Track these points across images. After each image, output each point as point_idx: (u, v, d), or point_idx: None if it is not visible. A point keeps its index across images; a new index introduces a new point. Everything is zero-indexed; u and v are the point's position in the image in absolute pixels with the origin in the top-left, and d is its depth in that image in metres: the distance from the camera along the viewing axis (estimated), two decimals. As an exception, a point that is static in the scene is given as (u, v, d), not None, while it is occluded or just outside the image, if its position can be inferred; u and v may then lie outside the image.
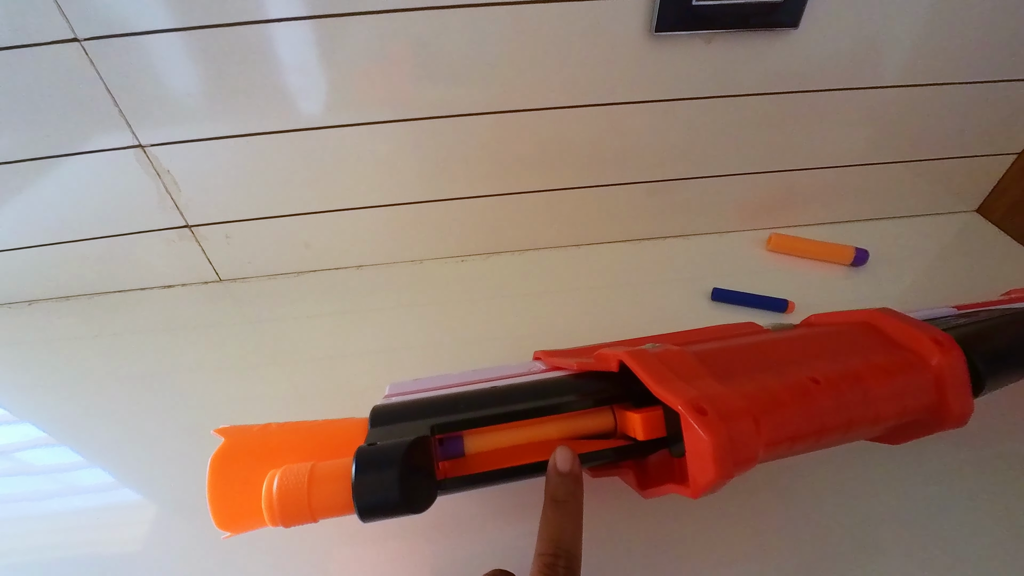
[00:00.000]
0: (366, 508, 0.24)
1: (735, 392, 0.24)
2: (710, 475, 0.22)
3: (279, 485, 0.24)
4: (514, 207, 0.52)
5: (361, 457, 0.25)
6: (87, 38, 0.37)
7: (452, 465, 0.28)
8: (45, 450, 0.41)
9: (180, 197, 0.46)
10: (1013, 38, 0.47)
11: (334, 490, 0.24)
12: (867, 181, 0.56)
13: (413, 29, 0.39)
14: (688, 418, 0.22)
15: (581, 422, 0.29)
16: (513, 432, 0.28)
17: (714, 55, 0.44)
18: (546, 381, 0.30)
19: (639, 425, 0.27)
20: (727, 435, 0.22)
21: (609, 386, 0.29)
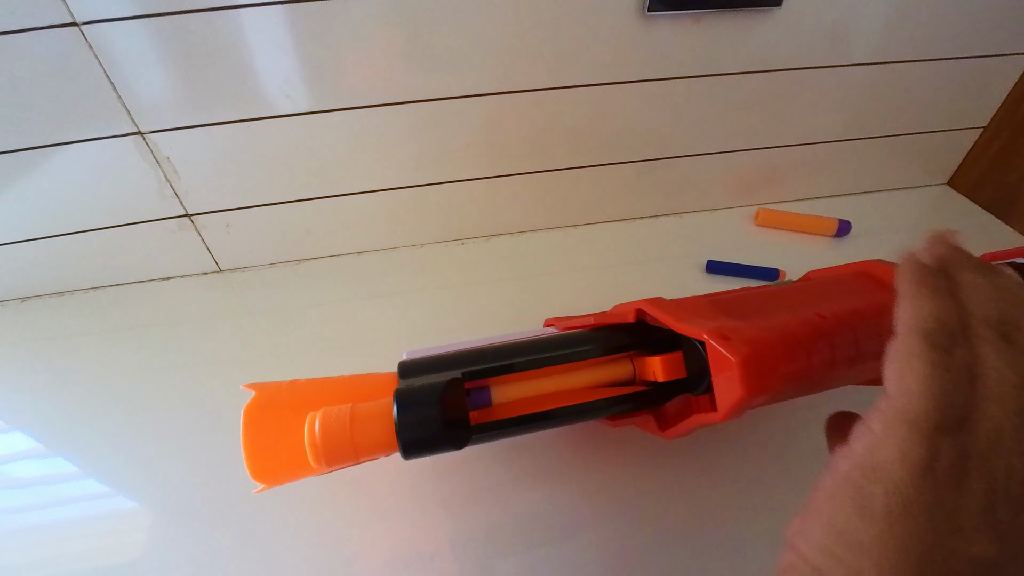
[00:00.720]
0: (410, 443, 0.24)
1: (751, 324, 0.25)
2: (738, 393, 0.23)
3: (322, 424, 0.25)
4: (512, 189, 0.53)
5: (402, 393, 0.25)
6: (86, 22, 0.37)
7: (480, 415, 0.29)
8: (37, 461, 0.39)
9: (180, 185, 0.46)
10: (975, 17, 0.50)
11: (376, 427, 0.25)
12: (845, 157, 0.59)
13: (407, 11, 0.40)
14: (713, 343, 0.23)
15: (602, 371, 0.30)
16: (537, 382, 0.29)
17: (702, 34, 0.46)
18: (567, 334, 0.31)
19: (659, 367, 0.28)
20: (752, 355, 0.23)
21: (627, 335, 0.30)
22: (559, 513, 0.34)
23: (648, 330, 0.30)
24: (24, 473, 0.38)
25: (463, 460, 0.36)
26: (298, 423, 0.26)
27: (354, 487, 0.36)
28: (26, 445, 0.40)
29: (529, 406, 0.28)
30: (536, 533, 0.34)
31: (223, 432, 0.38)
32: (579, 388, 0.29)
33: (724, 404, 0.24)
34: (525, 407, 0.28)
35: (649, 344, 0.30)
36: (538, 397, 0.29)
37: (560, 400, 0.29)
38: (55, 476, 0.38)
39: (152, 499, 0.36)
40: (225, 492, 0.35)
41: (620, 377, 0.30)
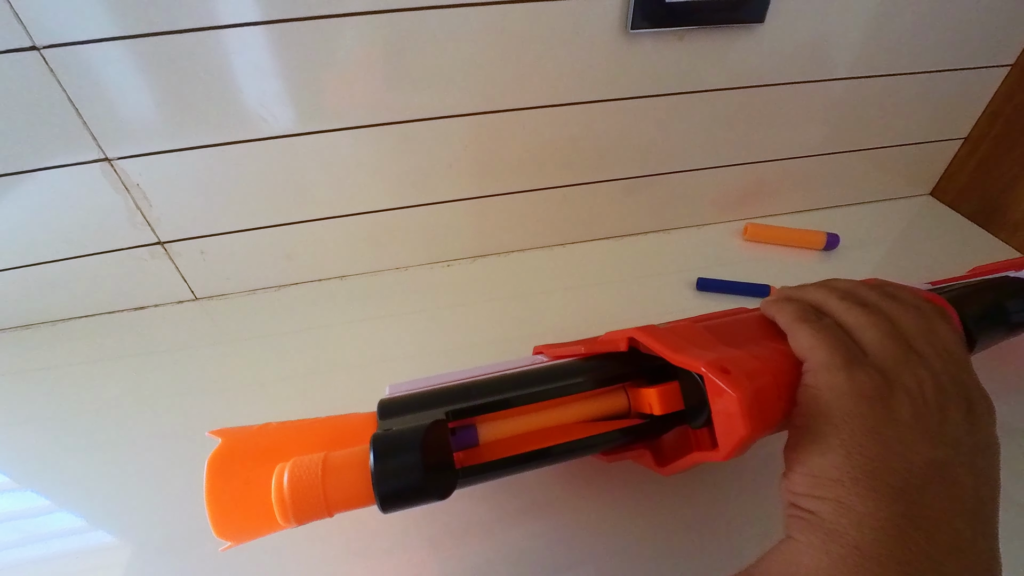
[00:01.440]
0: (388, 495, 0.23)
1: (750, 355, 0.24)
2: (741, 432, 0.21)
3: (290, 477, 0.23)
4: (497, 209, 0.52)
5: (379, 441, 0.23)
6: (46, 46, 0.36)
7: (467, 455, 0.27)
8: (7, 496, 0.37)
9: (151, 212, 0.44)
10: (954, 31, 0.50)
11: (351, 479, 0.23)
12: (830, 169, 0.59)
13: (388, 31, 0.39)
14: (713, 378, 0.22)
15: (595, 404, 0.29)
16: (527, 418, 0.28)
17: (686, 51, 0.45)
18: (557, 365, 0.30)
19: (656, 399, 0.27)
20: (753, 391, 0.22)
21: (620, 365, 0.29)
22: (551, 549, 0.33)
23: (641, 358, 0.29)
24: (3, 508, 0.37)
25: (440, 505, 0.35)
26: (267, 473, 0.24)
27: (336, 524, 0.33)
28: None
29: (519, 444, 0.27)
30: (529, 571, 0.32)
31: (200, 465, 0.37)
32: (571, 423, 0.28)
33: (726, 443, 0.23)
34: (515, 445, 0.27)
35: (644, 373, 0.29)
36: (529, 434, 0.28)
37: (552, 436, 0.27)
38: (26, 512, 0.36)
39: (126, 534, 0.35)
40: (202, 527, 0.33)
41: (614, 410, 0.29)
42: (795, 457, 0.22)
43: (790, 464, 0.23)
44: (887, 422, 0.21)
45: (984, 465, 0.22)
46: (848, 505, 0.20)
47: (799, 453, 0.22)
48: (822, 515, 0.20)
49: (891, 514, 0.19)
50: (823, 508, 0.20)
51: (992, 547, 0.21)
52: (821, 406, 0.22)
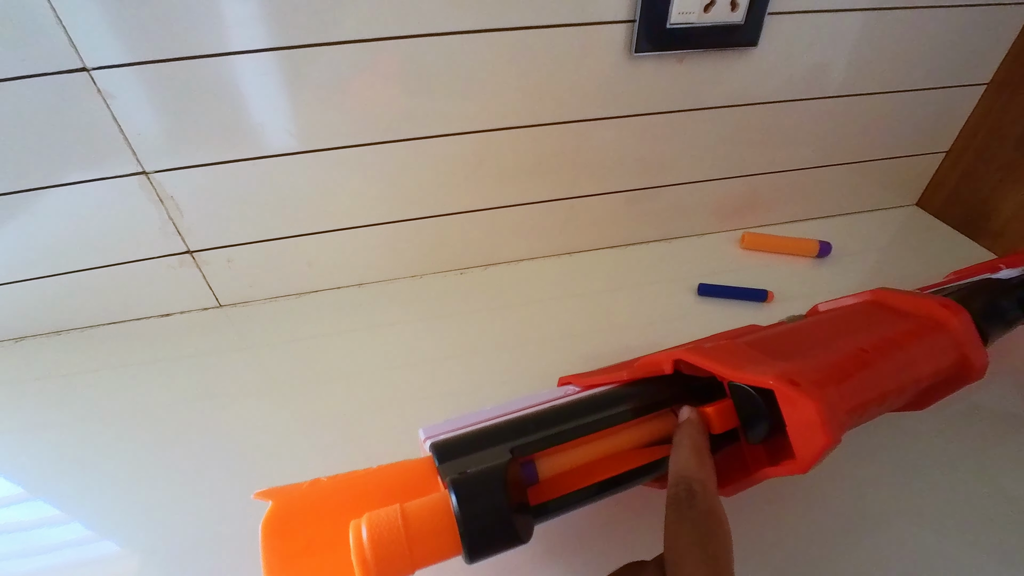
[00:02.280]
0: (476, 542, 0.21)
1: (808, 367, 0.25)
2: (821, 441, 0.21)
3: (370, 532, 0.21)
4: (508, 219, 0.55)
5: (461, 485, 0.21)
6: (96, 67, 0.38)
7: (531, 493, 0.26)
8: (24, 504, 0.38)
9: (182, 222, 0.47)
10: (935, 53, 0.54)
11: (434, 529, 0.21)
12: (821, 182, 0.62)
13: (405, 54, 0.42)
14: (786, 391, 0.22)
15: (646, 429, 0.28)
16: (584, 449, 0.27)
17: (686, 72, 0.49)
18: (607, 393, 0.30)
19: (715, 418, 0.26)
20: (827, 400, 0.22)
21: (670, 387, 0.29)
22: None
23: (686, 379, 0.29)
24: (15, 516, 0.37)
25: None
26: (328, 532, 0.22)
27: None
28: (16, 486, 0.39)
29: (579, 477, 0.26)
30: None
31: (220, 473, 0.39)
32: (625, 450, 0.27)
33: (806, 453, 0.22)
34: (576, 479, 0.26)
35: (690, 394, 0.29)
36: (587, 465, 0.27)
37: (610, 466, 0.26)
38: (45, 519, 0.37)
39: (148, 543, 0.35)
40: (218, 536, 0.35)
41: (667, 433, 0.28)
42: None
43: None
44: None
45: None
46: None
47: None
48: None
49: None
50: None
51: None
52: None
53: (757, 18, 0.46)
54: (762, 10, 0.46)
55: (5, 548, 0.35)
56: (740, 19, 0.46)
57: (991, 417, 0.42)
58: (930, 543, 0.34)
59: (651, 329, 0.51)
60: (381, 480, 0.25)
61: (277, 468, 0.40)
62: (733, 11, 0.45)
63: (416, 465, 0.26)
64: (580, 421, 0.27)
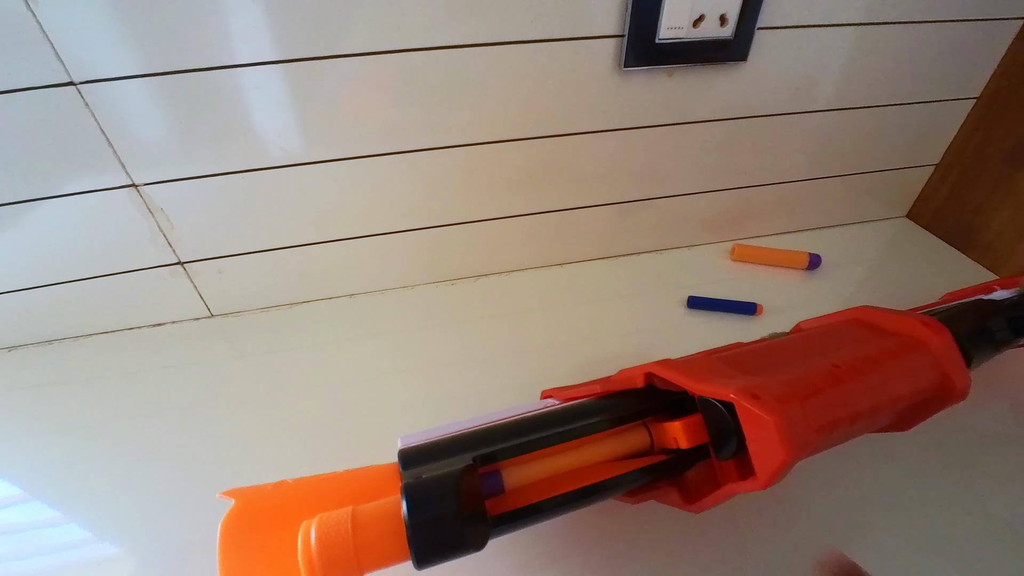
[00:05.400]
0: (424, 548, 0.21)
1: (775, 381, 0.24)
2: (780, 457, 0.21)
3: (318, 535, 0.21)
4: (500, 231, 0.55)
5: (412, 490, 0.22)
6: (83, 81, 0.38)
7: (493, 504, 0.25)
8: (18, 507, 0.38)
9: (172, 234, 0.47)
10: (922, 68, 0.54)
11: (383, 533, 0.21)
12: (812, 194, 0.62)
13: (398, 68, 0.42)
14: (745, 404, 0.22)
15: (617, 443, 0.28)
16: (551, 461, 0.27)
17: (676, 86, 0.49)
18: (577, 405, 0.30)
19: (681, 432, 0.26)
20: (787, 415, 0.21)
21: (641, 401, 0.29)
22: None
23: (659, 394, 0.29)
24: (7, 520, 0.38)
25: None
26: (286, 535, 0.22)
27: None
28: (8, 492, 0.39)
29: (545, 488, 0.26)
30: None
31: (210, 479, 0.39)
32: (595, 463, 0.27)
33: (765, 469, 0.22)
34: (541, 490, 0.26)
35: (664, 408, 0.29)
36: (554, 477, 0.27)
37: (578, 478, 0.26)
38: (38, 523, 0.37)
39: (136, 547, 0.36)
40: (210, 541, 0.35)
41: (637, 447, 0.28)
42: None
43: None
44: None
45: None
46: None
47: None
48: None
49: None
50: None
51: None
52: None
53: (747, 33, 0.46)
54: (751, 25, 0.46)
55: (2, 550, 0.36)
56: (729, 34, 0.46)
57: (981, 438, 0.42)
58: (915, 562, 0.34)
59: (641, 340, 0.51)
60: (346, 484, 0.25)
61: (266, 474, 0.39)
62: (722, 26, 0.45)
63: (382, 471, 0.26)
64: (547, 432, 0.27)
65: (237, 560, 0.22)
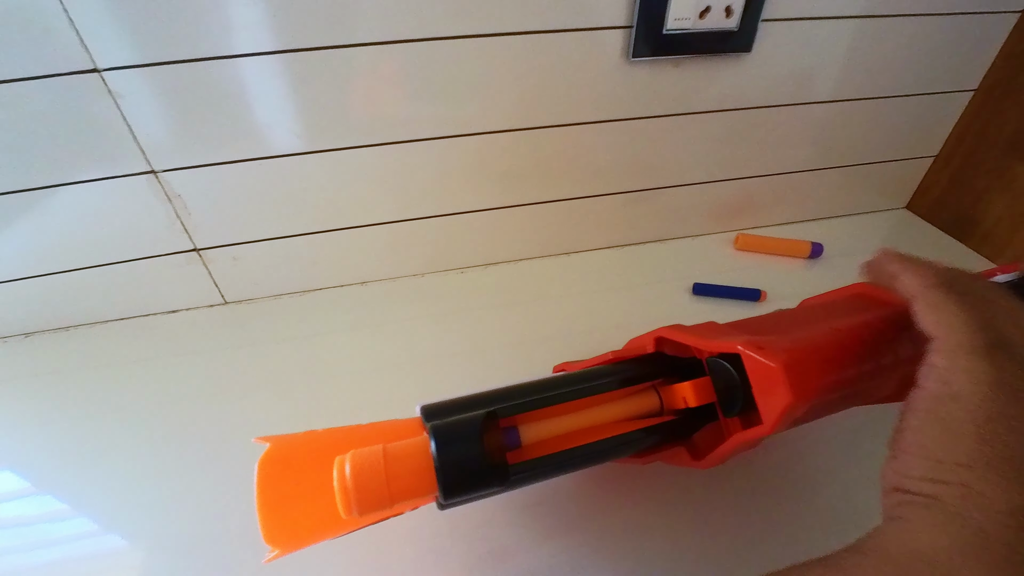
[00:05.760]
0: (452, 482, 0.22)
1: (779, 338, 0.26)
2: (785, 399, 0.22)
3: (353, 466, 0.22)
4: (508, 220, 0.56)
5: (440, 428, 0.23)
6: (107, 68, 0.39)
7: (511, 456, 0.27)
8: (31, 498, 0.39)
9: (189, 221, 0.48)
10: (924, 59, 0.55)
11: (412, 467, 0.23)
12: (813, 184, 0.63)
13: (409, 58, 0.43)
14: (750, 353, 0.23)
15: (629, 403, 0.29)
16: (566, 418, 0.28)
17: (681, 77, 0.50)
18: (591, 369, 0.31)
19: (690, 392, 0.27)
20: (791, 359, 0.23)
21: (654, 363, 0.30)
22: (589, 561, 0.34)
23: (670, 359, 0.30)
24: (17, 511, 0.38)
25: (478, 523, 0.35)
26: (319, 477, 0.23)
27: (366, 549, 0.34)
28: (24, 479, 0.40)
29: (560, 444, 0.27)
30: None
31: (225, 468, 0.39)
32: (608, 423, 0.29)
33: (771, 413, 0.23)
34: (556, 445, 0.27)
35: (674, 372, 0.30)
36: (568, 435, 0.28)
37: (592, 436, 0.28)
38: (48, 514, 0.38)
39: (146, 538, 0.36)
40: (223, 531, 0.36)
41: (647, 409, 0.29)
42: (913, 439, 0.21)
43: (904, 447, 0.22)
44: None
45: None
46: (977, 490, 0.19)
47: (919, 436, 0.21)
48: (943, 499, 0.20)
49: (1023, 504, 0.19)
50: (945, 492, 0.20)
51: None
52: (954, 389, 0.21)
53: (751, 25, 0.47)
54: (756, 17, 0.47)
55: (12, 542, 0.36)
56: (735, 25, 0.47)
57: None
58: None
59: (647, 327, 0.51)
60: (371, 433, 0.27)
61: None
62: (728, 17, 0.46)
63: (407, 423, 0.28)
64: (562, 390, 0.28)
65: (274, 496, 0.24)
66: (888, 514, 0.21)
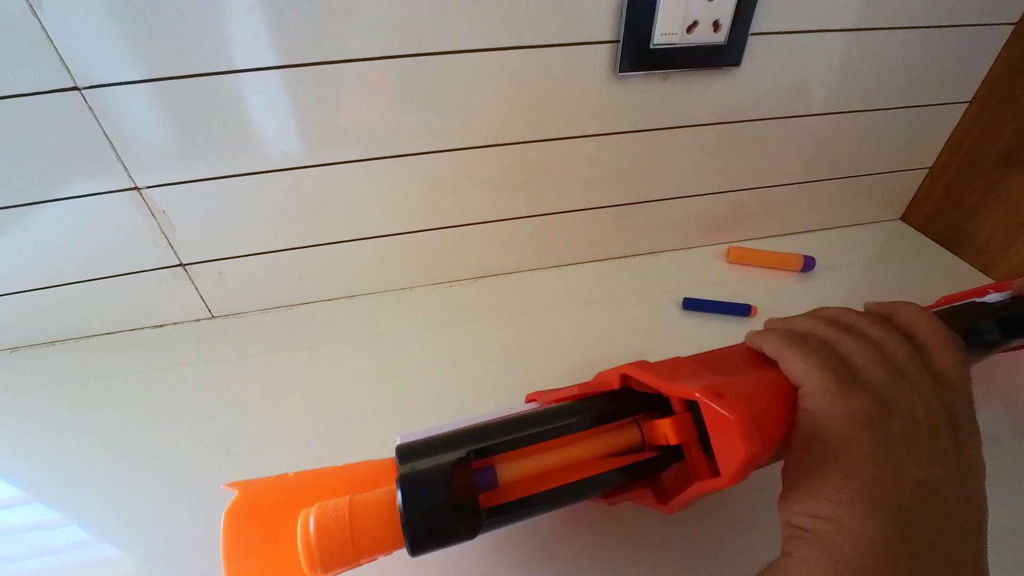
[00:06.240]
0: (419, 535, 0.22)
1: (743, 381, 0.25)
2: (742, 454, 0.21)
3: (317, 522, 0.22)
4: (497, 233, 0.56)
5: (406, 478, 0.23)
6: (87, 86, 0.39)
7: (487, 497, 0.26)
8: (19, 508, 0.39)
9: (174, 236, 0.47)
10: (917, 71, 0.55)
11: (379, 521, 0.22)
12: (806, 197, 0.63)
13: (397, 74, 0.43)
14: (708, 402, 0.22)
15: (609, 439, 0.29)
16: (545, 456, 0.27)
17: (670, 91, 0.49)
18: (569, 404, 0.30)
19: (671, 429, 0.27)
20: (749, 412, 0.21)
21: (633, 399, 0.29)
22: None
23: (639, 396, 0.29)
24: (8, 522, 0.38)
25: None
26: (287, 525, 0.23)
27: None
28: (10, 493, 0.40)
29: (539, 483, 0.26)
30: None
31: (210, 479, 0.38)
32: (587, 459, 0.28)
33: (728, 467, 0.22)
34: (534, 485, 0.26)
35: (657, 407, 0.30)
36: (546, 473, 0.27)
37: (572, 474, 0.27)
38: (39, 523, 0.38)
39: (137, 548, 0.36)
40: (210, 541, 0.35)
41: (629, 444, 0.29)
42: (794, 478, 0.23)
43: (789, 485, 0.23)
44: (881, 444, 0.22)
45: (972, 486, 0.23)
46: (845, 525, 0.21)
47: (798, 475, 0.23)
48: (820, 533, 0.21)
49: (885, 534, 0.20)
50: (821, 527, 0.21)
51: (981, 566, 0.21)
52: (819, 430, 0.23)
53: (740, 39, 0.47)
54: (744, 31, 0.47)
55: (3, 551, 0.36)
56: (723, 40, 0.46)
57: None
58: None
59: (636, 341, 0.52)
60: (345, 477, 0.26)
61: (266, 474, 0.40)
62: (715, 32, 0.46)
63: (380, 465, 0.27)
64: (541, 428, 0.28)
65: (240, 547, 0.23)
66: (783, 548, 0.23)
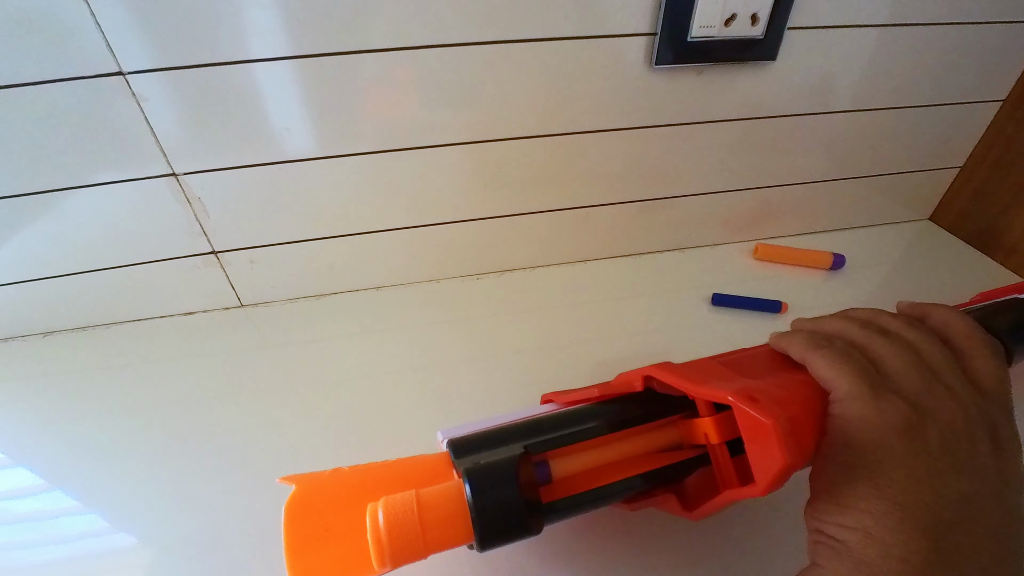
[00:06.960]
0: (490, 530, 0.21)
1: (774, 384, 0.24)
2: (779, 461, 0.20)
3: (386, 516, 0.21)
4: (525, 226, 0.55)
5: (474, 474, 0.22)
6: (131, 72, 0.39)
7: (542, 492, 0.26)
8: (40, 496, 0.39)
9: (208, 223, 0.48)
10: (950, 69, 0.54)
11: (447, 514, 0.22)
12: (835, 194, 0.63)
13: (428, 65, 0.43)
14: (742, 407, 0.21)
15: (653, 437, 0.28)
16: (596, 452, 0.27)
17: (703, 85, 0.49)
18: (616, 402, 0.30)
19: (712, 428, 0.26)
20: (786, 417, 0.20)
21: (668, 401, 0.29)
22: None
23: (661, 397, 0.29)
24: (35, 507, 0.38)
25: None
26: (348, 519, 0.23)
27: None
28: (38, 479, 0.40)
29: (589, 479, 0.26)
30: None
31: (237, 470, 0.40)
32: (634, 456, 0.28)
33: (764, 475, 0.21)
34: (585, 480, 0.26)
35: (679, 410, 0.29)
36: (599, 468, 0.27)
37: (621, 470, 0.26)
38: (59, 511, 0.38)
39: (155, 538, 0.36)
40: (233, 532, 0.36)
41: (670, 442, 0.28)
42: (822, 486, 0.22)
43: (816, 491, 0.23)
44: (917, 454, 0.21)
45: (1012, 499, 0.21)
46: (876, 536, 0.20)
47: (827, 482, 0.22)
48: (849, 544, 0.20)
49: (919, 547, 0.19)
50: (850, 537, 0.20)
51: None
52: (849, 437, 0.22)
53: (777, 33, 0.47)
54: (782, 25, 0.46)
55: (24, 537, 0.36)
56: (760, 33, 0.46)
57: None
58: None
59: (664, 337, 0.51)
60: (399, 471, 0.26)
61: (292, 466, 0.39)
62: (753, 25, 0.46)
63: (434, 459, 0.27)
64: (591, 424, 0.27)
65: (302, 541, 0.23)
66: (810, 557, 0.22)
